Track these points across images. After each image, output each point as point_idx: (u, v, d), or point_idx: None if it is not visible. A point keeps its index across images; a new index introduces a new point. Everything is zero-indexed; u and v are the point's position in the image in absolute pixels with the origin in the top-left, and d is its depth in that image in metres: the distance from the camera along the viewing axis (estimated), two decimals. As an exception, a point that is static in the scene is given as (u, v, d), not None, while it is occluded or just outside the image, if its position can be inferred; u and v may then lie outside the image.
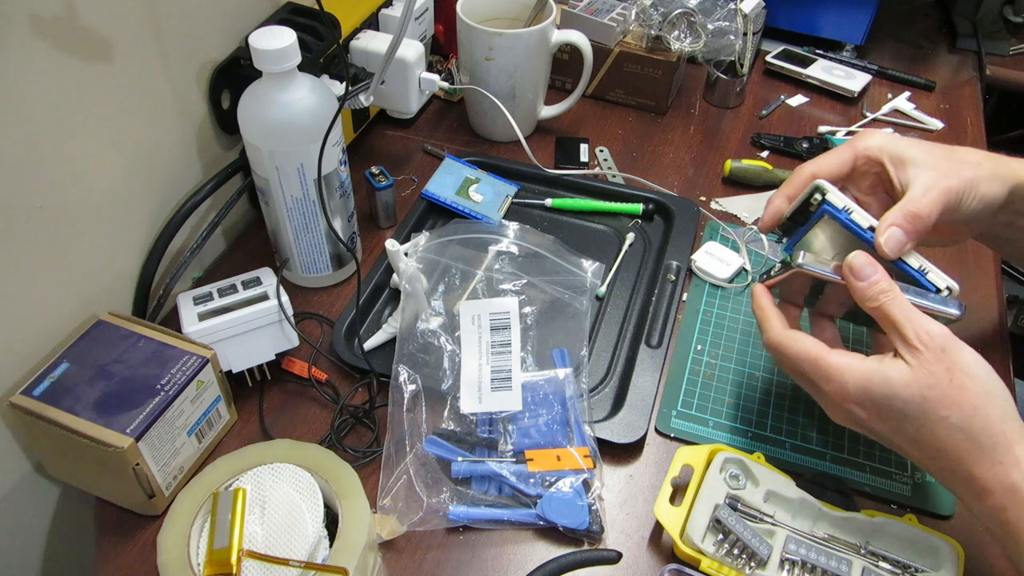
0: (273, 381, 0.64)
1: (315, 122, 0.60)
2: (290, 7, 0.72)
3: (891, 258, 0.50)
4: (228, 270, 0.71)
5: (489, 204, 0.78)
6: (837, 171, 0.56)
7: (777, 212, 0.56)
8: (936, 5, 1.21)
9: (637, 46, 0.91)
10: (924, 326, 0.47)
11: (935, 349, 0.46)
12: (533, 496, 0.55)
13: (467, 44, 0.82)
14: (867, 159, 0.55)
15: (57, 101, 0.53)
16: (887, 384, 0.47)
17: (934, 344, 0.46)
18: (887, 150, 0.54)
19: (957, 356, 0.46)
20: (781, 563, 0.50)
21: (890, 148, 0.54)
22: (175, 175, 0.67)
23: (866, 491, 0.58)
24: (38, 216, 0.54)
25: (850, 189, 0.58)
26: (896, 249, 0.50)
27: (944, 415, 0.45)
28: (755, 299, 0.56)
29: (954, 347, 0.46)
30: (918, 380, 0.46)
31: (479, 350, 0.62)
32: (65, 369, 0.54)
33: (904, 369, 0.46)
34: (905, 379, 0.46)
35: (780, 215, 0.56)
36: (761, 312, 0.55)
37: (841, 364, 0.49)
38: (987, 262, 0.77)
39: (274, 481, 0.50)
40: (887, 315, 0.48)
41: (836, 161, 0.56)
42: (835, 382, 0.49)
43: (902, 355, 0.47)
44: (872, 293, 0.48)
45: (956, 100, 1.00)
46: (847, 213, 0.52)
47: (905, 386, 0.46)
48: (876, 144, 0.55)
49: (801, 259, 0.52)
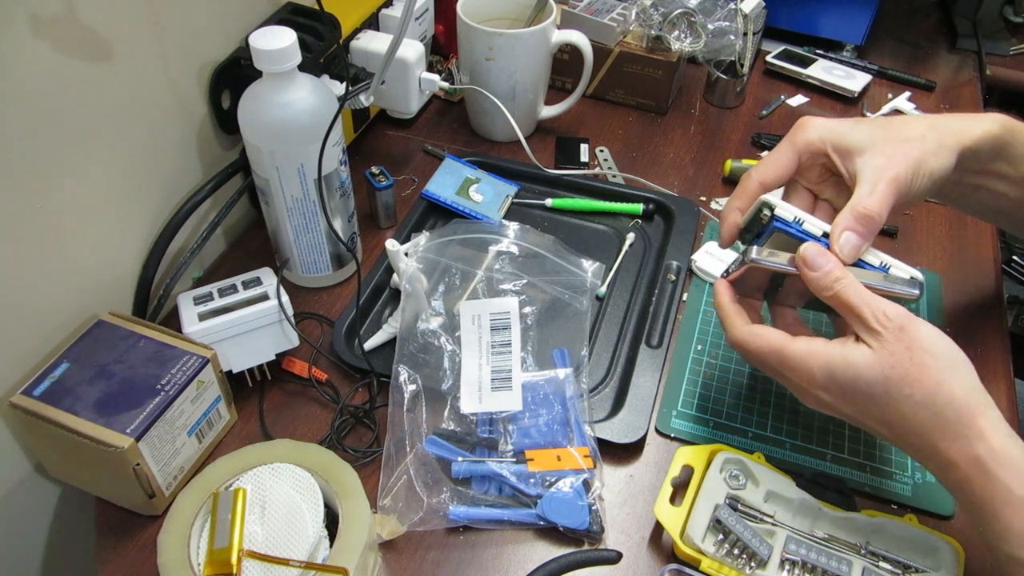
0: (273, 381, 0.64)
1: (315, 122, 0.60)
2: (290, 7, 0.72)
3: (849, 262, 0.50)
4: (228, 270, 0.71)
5: (489, 204, 0.78)
6: (783, 174, 0.56)
7: (733, 225, 0.56)
8: (936, 5, 1.21)
9: (637, 46, 0.91)
10: (881, 307, 0.47)
11: (893, 329, 0.46)
12: (533, 496, 0.55)
13: (467, 44, 0.82)
14: (811, 153, 0.55)
15: (57, 101, 0.53)
16: (851, 368, 0.47)
17: (892, 324, 0.47)
18: (829, 139, 0.54)
19: (916, 333, 0.46)
20: (781, 563, 0.50)
21: (832, 137, 0.54)
22: (175, 175, 0.67)
23: (866, 491, 0.58)
24: (38, 216, 0.54)
25: (799, 182, 0.57)
26: (853, 253, 0.50)
27: (908, 393, 0.46)
28: (716, 297, 0.56)
29: (912, 325, 0.47)
30: (880, 361, 0.46)
31: (479, 350, 0.62)
32: (65, 369, 0.54)
33: (866, 352, 0.47)
34: (867, 361, 0.47)
35: (736, 227, 0.56)
36: (722, 311, 0.55)
37: (804, 352, 0.49)
38: (987, 262, 0.77)
39: (274, 481, 0.50)
40: (843, 301, 0.48)
41: (780, 164, 0.56)
42: (800, 370, 0.49)
43: (863, 338, 0.48)
44: (827, 282, 0.49)
45: (956, 100, 1.00)
46: (799, 224, 0.52)
47: (868, 368, 0.47)
48: (817, 136, 0.54)
49: (754, 254, 0.52)
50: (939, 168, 0.52)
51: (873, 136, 0.53)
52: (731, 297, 0.55)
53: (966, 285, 0.75)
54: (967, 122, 0.55)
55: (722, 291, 0.56)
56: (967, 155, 0.54)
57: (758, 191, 0.55)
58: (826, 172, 0.56)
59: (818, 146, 0.54)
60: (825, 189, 0.57)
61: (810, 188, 0.57)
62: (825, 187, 0.57)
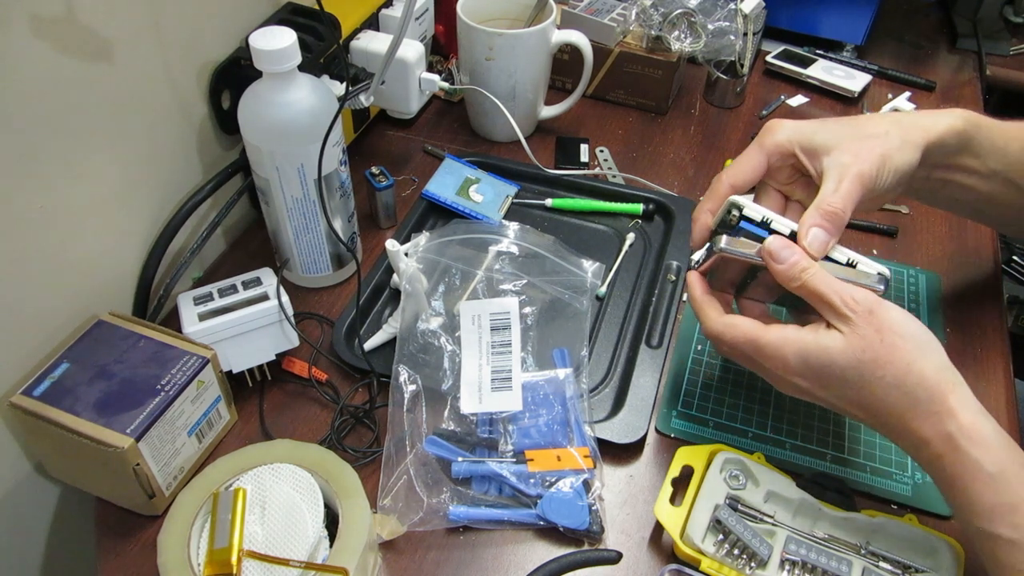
0: (273, 381, 0.64)
1: (315, 122, 0.60)
2: (290, 7, 0.72)
3: (818, 258, 0.51)
4: (228, 270, 0.71)
5: (489, 204, 0.78)
6: (752, 176, 0.57)
7: (704, 227, 0.57)
8: (936, 5, 1.21)
9: (637, 46, 0.91)
10: (849, 293, 0.48)
11: (863, 313, 0.47)
12: (533, 496, 0.55)
13: (467, 44, 0.82)
14: (779, 155, 0.56)
15: (57, 101, 0.53)
16: (824, 353, 0.48)
17: (861, 308, 0.48)
18: (796, 140, 0.55)
19: (885, 316, 0.47)
20: (781, 563, 0.50)
21: (799, 138, 0.55)
22: (175, 175, 0.67)
23: (866, 491, 0.58)
24: (38, 216, 0.54)
25: (770, 184, 0.58)
26: (821, 248, 0.51)
27: (880, 375, 0.47)
28: (689, 290, 0.57)
29: (880, 308, 0.48)
30: (852, 345, 0.47)
31: (479, 350, 0.62)
32: (65, 369, 0.54)
33: (838, 337, 0.48)
34: (839, 346, 0.48)
35: (707, 229, 0.57)
36: (696, 303, 0.56)
37: (778, 340, 0.50)
38: (987, 262, 0.77)
39: (274, 481, 0.50)
40: (812, 290, 0.49)
41: (750, 166, 0.57)
42: (775, 358, 0.50)
43: (834, 324, 0.49)
44: (794, 273, 0.50)
45: (956, 100, 1.00)
46: (767, 223, 0.53)
47: (840, 353, 0.48)
48: (785, 138, 0.56)
49: (723, 243, 0.52)
50: (903, 164, 0.53)
51: (838, 134, 0.54)
52: (704, 289, 0.56)
53: (966, 285, 0.75)
54: (931, 118, 0.56)
55: (695, 283, 0.56)
56: (932, 150, 0.55)
57: (728, 193, 0.56)
58: (795, 172, 0.57)
59: (786, 147, 0.55)
60: (795, 190, 0.58)
61: (780, 189, 0.58)
62: (795, 187, 0.58)
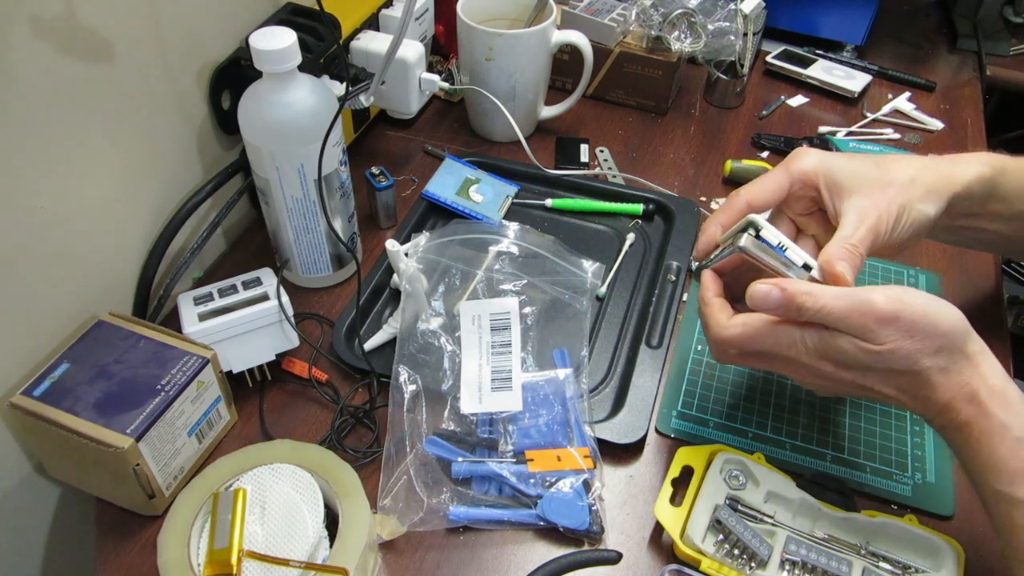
0: (273, 381, 0.64)
1: (315, 122, 0.60)
2: (290, 7, 0.72)
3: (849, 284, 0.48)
4: (228, 270, 0.71)
5: (489, 204, 0.78)
6: (773, 198, 0.55)
7: (711, 240, 0.55)
8: (936, 5, 1.21)
9: (637, 46, 0.92)
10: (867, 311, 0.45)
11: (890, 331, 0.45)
12: (533, 496, 0.55)
13: (467, 44, 0.82)
14: (803, 183, 0.54)
15: (57, 101, 0.53)
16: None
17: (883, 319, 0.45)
18: (822, 173, 0.53)
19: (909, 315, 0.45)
20: (781, 563, 0.50)
21: (825, 171, 0.53)
22: (175, 175, 0.67)
23: (866, 491, 0.58)
24: (38, 216, 0.54)
25: (784, 212, 0.57)
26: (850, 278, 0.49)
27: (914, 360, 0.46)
28: (702, 291, 0.53)
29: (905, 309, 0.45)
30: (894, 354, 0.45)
31: (479, 350, 0.62)
32: (65, 369, 0.54)
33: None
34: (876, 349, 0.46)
35: (714, 242, 0.54)
36: (707, 306, 0.52)
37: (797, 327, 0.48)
38: (987, 263, 0.77)
39: (274, 481, 0.50)
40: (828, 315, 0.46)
41: (772, 187, 0.54)
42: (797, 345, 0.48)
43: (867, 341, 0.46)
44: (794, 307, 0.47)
45: (956, 100, 1.00)
46: (781, 249, 0.50)
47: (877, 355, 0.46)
48: (811, 168, 0.54)
49: (744, 242, 0.50)
50: (923, 216, 0.52)
51: (864, 177, 0.52)
52: (717, 291, 0.53)
53: (966, 285, 0.75)
54: (959, 166, 0.54)
55: (710, 283, 0.53)
56: (958, 200, 0.54)
57: (745, 209, 0.54)
58: (812, 205, 0.55)
59: (811, 177, 0.54)
60: (810, 224, 0.56)
61: (795, 219, 0.57)
62: (810, 221, 0.56)
